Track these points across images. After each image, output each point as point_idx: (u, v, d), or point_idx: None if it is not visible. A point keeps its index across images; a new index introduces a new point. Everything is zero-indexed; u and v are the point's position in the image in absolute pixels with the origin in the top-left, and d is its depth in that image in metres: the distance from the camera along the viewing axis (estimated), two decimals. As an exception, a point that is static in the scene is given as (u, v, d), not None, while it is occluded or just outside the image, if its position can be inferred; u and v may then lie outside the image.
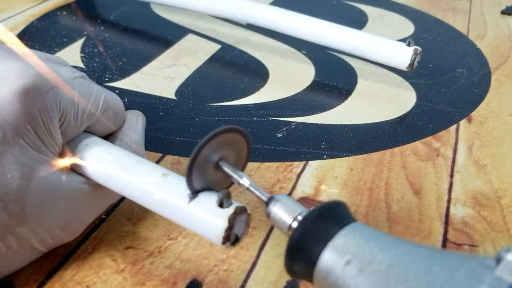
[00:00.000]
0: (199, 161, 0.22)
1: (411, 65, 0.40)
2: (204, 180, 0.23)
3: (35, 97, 0.24)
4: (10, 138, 0.23)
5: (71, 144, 0.27)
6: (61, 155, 0.26)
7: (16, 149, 0.23)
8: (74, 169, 0.27)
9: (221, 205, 0.22)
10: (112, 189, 0.26)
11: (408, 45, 0.41)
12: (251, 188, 0.22)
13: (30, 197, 0.24)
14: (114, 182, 0.25)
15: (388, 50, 0.41)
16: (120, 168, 0.25)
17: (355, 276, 0.19)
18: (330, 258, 0.19)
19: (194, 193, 0.23)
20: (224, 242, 0.22)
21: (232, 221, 0.22)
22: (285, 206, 0.22)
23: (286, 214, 0.21)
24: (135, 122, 0.31)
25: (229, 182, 0.24)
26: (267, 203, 0.22)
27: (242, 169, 0.24)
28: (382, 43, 0.42)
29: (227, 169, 0.23)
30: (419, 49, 0.40)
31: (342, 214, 0.21)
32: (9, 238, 0.24)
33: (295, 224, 0.21)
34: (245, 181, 0.23)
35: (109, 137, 0.29)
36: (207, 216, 0.22)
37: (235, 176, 0.23)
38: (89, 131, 0.28)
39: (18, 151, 0.23)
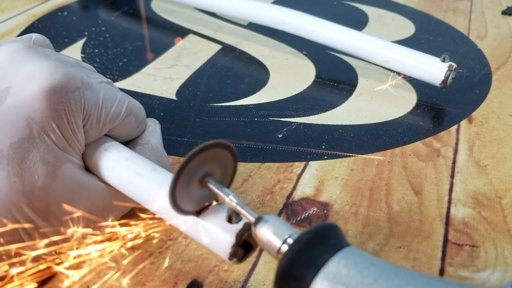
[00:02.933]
0: (183, 177, 0.21)
1: (444, 81, 0.40)
2: (188, 196, 0.22)
3: (61, 96, 0.24)
4: (36, 136, 0.24)
5: (91, 147, 0.27)
6: (83, 156, 0.27)
7: (42, 146, 0.24)
8: (93, 172, 0.27)
9: (229, 220, 0.22)
10: (126, 194, 0.26)
11: (443, 60, 0.40)
12: (238, 207, 0.21)
13: (53, 195, 0.24)
14: (128, 188, 0.25)
15: (422, 65, 0.41)
16: (135, 175, 0.25)
17: None
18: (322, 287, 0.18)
19: (178, 210, 0.22)
20: (231, 258, 0.22)
21: (240, 237, 0.21)
22: (274, 227, 0.20)
23: (275, 237, 0.20)
24: (154, 128, 0.31)
25: (215, 199, 0.23)
26: (255, 224, 0.21)
27: (228, 185, 0.23)
28: (416, 57, 0.41)
29: (212, 186, 0.22)
30: (454, 65, 0.39)
31: (335, 238, 0.20)
32: (34, 234, 0.24)
33: (284, 248, 0.20)
34: (231, 200, 0.21)
35: (130, 142, 0.30)
36: (215, 231, 0.22)
37: (220, 193, 0.22)
38: (110, 136, 0.28)
39: (44, 149, 0.24)
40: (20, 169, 0.24)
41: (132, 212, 0.31)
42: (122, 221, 0.26)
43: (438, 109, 0.42)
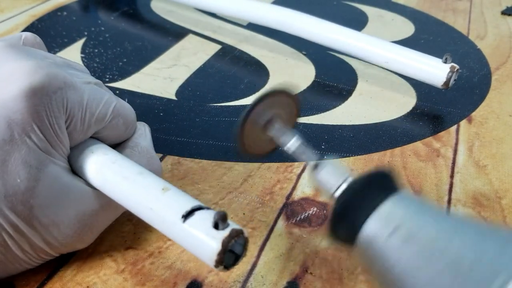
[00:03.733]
0: (249, 121, 0.22)
1: (446, 83, 0.39)
2: (253, 140, 0.22)
3: (42, 97, 0.24)
4: (17, 138, 0.23)
5: (77, 150, 0.27)
6: (69, 158, 0.26)
7: (24, 149, 0.23)
8: (80, 175, 0.26)
9: (216, 226, 0.21)
10: (113, 198, 0.25)
11: (445, 61, 0.39)
12: (303, 147, 0.22)
13: (37, 199, 0.24)
14: (114, 192, 0.25)
15: (423, 66, 0.40)
16: (121, 179, 0.25)
17: (399, 247, 0.18)
18: (375, 227, 0.19)
19: (245, 153, 0.22)
20: (217, 266, 0.21)
21: (226, 244, 0.21)
22: (333, 169, 0.22)
23: (334, 177, 0.21)
24: (144, 131, 0.31)
25: (277, 143, 0.24)
26: (314, 166, 0.22)
27: (293, 127, 0.24)
28: (417, 58, 0.41)
29: (277, 130, 0.22)
30: (457, 66, 0.39)
31: (390, 182, 0.20)
32: (20, 239, 0.24)
33: (343, 187, 0.21)
34: (296, 140, 0.22)
35: (119, 145, 0.29)
36: (201, 237, 0.21)
37: (285, 136, 0.22)
38: (97, 138, 0.28)
39: (25, 151, 0.23)
40: (1, 172, 0.23)
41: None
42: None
43: (437, 110, 0.42)
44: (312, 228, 0.30)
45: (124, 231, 0.29)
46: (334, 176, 0.21)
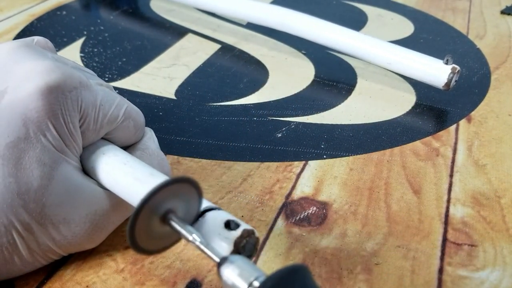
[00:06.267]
0: (143, 214, 0.20)
1: (447, 84, 0.39)
2: (149, 234, 0.21)
3: (58, 95, 0.24)
4: (33, 136, 0.24)
5: (89, 150, 0.27)
6: (81, 159, 0.26)
7: (38, 147, 0.24)
8: (91, 176, 0.26)
9: (228, 226, 0.21)
10: (124, 199, 0.25)
11: (446, 63, 0.39)
12: (201, 246, 0.20)
13: (49, 197, 0.24)
14: (126, 193, 0.25)
15: (424, 67, 0.40)
16: (132, 180, 0.25)
17: None
18: None
19: (138, 250, 0.21)
20: None
21: (238, 244, 0.21)
22: (240, 269, 0.19)
23: (240, 279, 0.19)
24: (151, 135, 0.31)
25: (178, 237, 0.22)
26: (219, 264, 0.20)
27: (192, 223, 0.22)
28: (419, 60, 0.41)
29: (175, 223, 0.21)
30: (458, 68, 0.39)
31: (302, 283, 0.19)
32: (29, 238, 0.24)
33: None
34: (195, 238, 0.21)
35: (129, 147, 0.30)
36: (213, 238, 0.21)
37: (183, 232, 0.21)
38: (108, 139, 0.28)
39: (40, 150, 0.24)
40: (15, 170, 0.23)
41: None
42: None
43: (437, 109, 0.42)
44: (312, 227, 0.30)
45: (123, 230, 0.29)
46: (242, 276, 0.19)
